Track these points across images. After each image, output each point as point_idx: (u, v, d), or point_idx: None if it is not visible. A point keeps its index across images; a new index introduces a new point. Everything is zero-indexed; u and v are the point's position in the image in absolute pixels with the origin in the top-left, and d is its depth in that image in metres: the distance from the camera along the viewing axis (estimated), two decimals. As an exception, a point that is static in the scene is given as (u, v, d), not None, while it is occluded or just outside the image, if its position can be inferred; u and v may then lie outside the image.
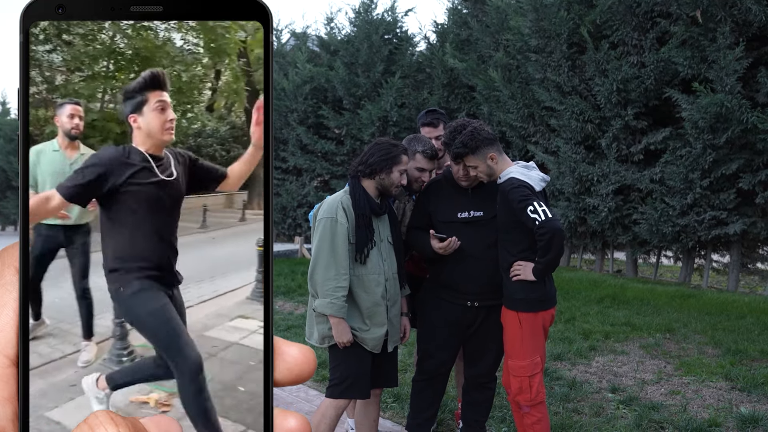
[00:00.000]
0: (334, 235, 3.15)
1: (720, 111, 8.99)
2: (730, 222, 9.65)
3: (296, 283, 9.76)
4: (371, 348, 3.27)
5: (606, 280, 10.49)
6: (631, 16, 10.35)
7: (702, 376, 5.28)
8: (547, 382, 5.04)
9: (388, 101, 14.45)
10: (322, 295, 3.15)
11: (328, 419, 3.27)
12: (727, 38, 9.05)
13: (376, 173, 3.27)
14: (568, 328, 6.95)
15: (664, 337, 6.63)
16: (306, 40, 17.30)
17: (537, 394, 3.26)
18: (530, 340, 3.26)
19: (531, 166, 3.36)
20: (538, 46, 11.43)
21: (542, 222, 3.03)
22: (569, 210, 11.46)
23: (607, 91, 10.47)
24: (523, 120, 12.19)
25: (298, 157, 15.81)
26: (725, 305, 8.18)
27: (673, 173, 9.91)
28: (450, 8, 14.99)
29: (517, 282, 3.25)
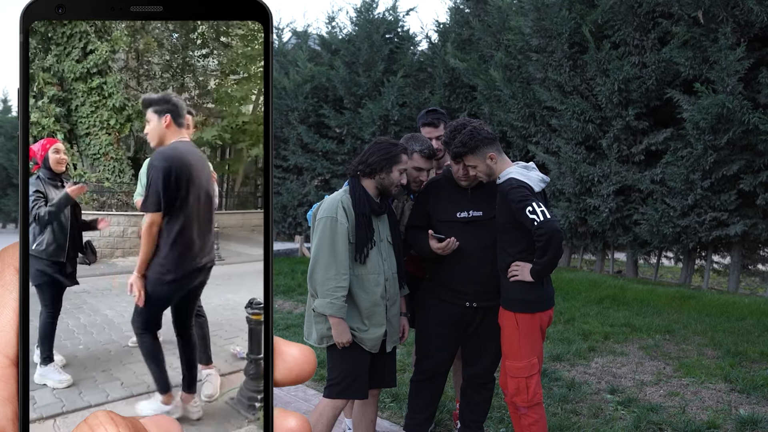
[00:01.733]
0: (334, 235, 3.15)
1: (721, 112, 8.97)
2: (730, 223, 9.63)
3: (296, 282, 9.76)
4: (370, 348, 3.26)
5: (606, 280, 10.48)
6: (632, 16, 10.33)
7: (701, 377, 5.28)
8: (546, 383, 5.03)
9: (389, 100, 14.44)
10: (321, 295, 3.14)
11: (326, 419, 3.27)
12: (729, 39, 9.03)
13: (376, 173, 3.27)
14: (567, 328, 6.95)
15: (663, 339, 6.62)
16: (307, 39, 17.29)
17: (534, 395, 3.25)
18: (527, 341, 3.25)
19: (530, 167, 3.35)
20: (540, 45, 11.41)
21: (541, 223, 3.02)
22: (570, 210, 11.45)
23: (609, 91, 10.45)
24: (524, 120, 12.17)
25: (298, 156, 15.80)
26: (725, 307, 8.17)
27: (674, 174, 9.89)
28: (452, 8, 14.97)
29: (515, 282, 3.25)
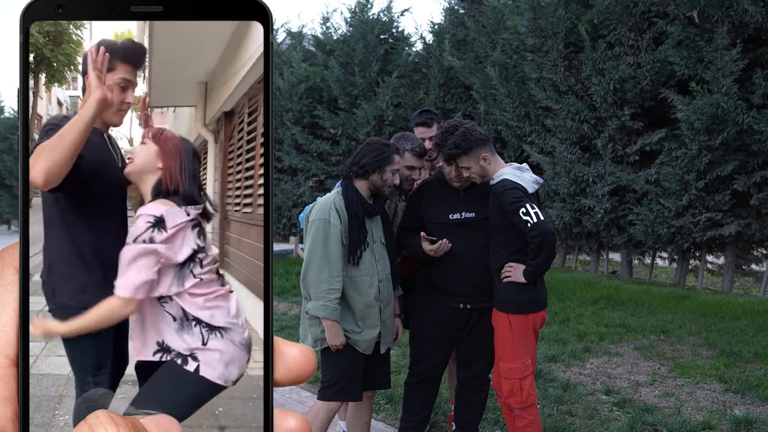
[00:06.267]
0: (327, 237, 3.13)
1: (716, 112, 8.99)
2: (725, 223, 9.65)
3: (291, 283, 9.75)
4: (364, 350, 3.25)
5: (601, 281, 10.50)
6: (628, 16, 10.34)
7: (696, 378, 5.28)
8: (541, 384, 5.03)
9: (384, 101, 14.42)
10: (315, 298, 3.12)
11: (320, 422, 3.25)
12: (724, 39, 9.05)
13: (369, 174, 3.25)
14: (562, 329, 6.94)
15: (658, 339, 6.63)
16: (301, 39, 17.24)
17: (528, 397, 3.24)
18: (521, 342, 3.24)
19: (524, 168, 3.34)
20: (535, 45, 11.41)
21: (534, 224, 3.01)
22: (564, 211, 11.45)
23: (604, 90, 10.47)
24: (519, 120, 12.17)
25: (293, 157, 15.77)
26: (720, 307, 8.18)
27: (669, 174, 9.91)
28: (447, 8, 14.97)
29: (508, 284, 3.23)
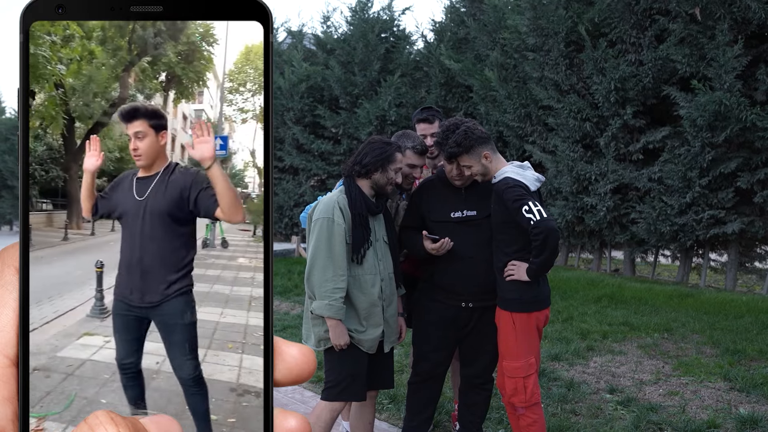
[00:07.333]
0: (331, 236, 3.11)
1: (718, 109, 8.96)
2: (728, 221, 9.62)
3: (293, 282, 9.73)
4: (367, 349, 3.23)
5: (604, 279, 10.47)
6: (629, 14, 10.32)
7: (700, 376, 5.25)
8: (545, 383, 5.01)
9: (386, 100, 14.41)
10: (319, 297, 3.11)
11: (323, 422, 3.23)
12: (726, 36, 9.02)
13: (372, 173, 3.24)
14: (565, 327, 6.92)
15: (662, 337, 6.60)
16: (302, 38, 17.25)
17: (532, 396, 3.22)
18: (524, 340, 3.22)
19: (526, 166, 3.32)
20: (536, 44, 11.40)
21: (537, 222, 2.99)
22: (567, 209, 11.43)
23: (605, 89, 10.44)
24: (520, 120, 12.16)
25: (294, 157, 15.77)
26: (723, 304, 8.15)
27: (672, 172, 9.88)
28: (448, 6, 14.95)
29: (511, 282, 3.22)
